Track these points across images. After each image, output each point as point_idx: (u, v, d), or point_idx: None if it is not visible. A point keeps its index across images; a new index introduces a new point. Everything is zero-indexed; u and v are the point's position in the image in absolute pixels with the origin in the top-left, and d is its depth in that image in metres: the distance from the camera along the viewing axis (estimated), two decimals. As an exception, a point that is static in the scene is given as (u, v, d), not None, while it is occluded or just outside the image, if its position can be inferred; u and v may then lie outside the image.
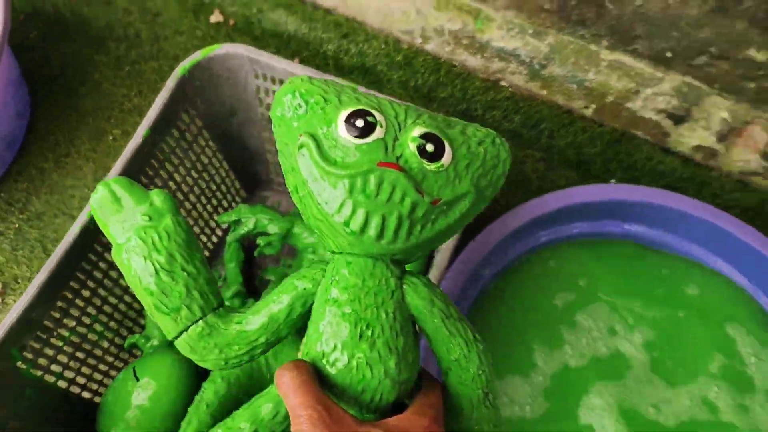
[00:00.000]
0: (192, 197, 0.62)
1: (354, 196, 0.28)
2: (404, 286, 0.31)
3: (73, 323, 0.51)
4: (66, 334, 0.51)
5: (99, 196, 0.33)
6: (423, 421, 0.29)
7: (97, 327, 0.55)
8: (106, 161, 0.72)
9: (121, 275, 0.55)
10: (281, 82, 0.56)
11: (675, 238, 0.61)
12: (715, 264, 0.60)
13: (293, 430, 0.28)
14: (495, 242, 0.54)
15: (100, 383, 0.56)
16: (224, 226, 0.69)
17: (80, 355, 0.53)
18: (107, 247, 0.52)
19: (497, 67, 0.73)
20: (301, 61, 0.78)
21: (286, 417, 0.31)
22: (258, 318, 0.32)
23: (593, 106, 0.71)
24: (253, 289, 0.67)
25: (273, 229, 0.63)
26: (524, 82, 0.73)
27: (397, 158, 0.29)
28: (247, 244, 0.67)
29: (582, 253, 0.60)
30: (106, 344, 0.56)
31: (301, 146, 0.30)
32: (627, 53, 0.66)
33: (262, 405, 0.32)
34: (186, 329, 0.31)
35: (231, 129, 0.63)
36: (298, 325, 0.32)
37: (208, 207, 0.66)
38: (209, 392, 0.51)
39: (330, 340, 0.29)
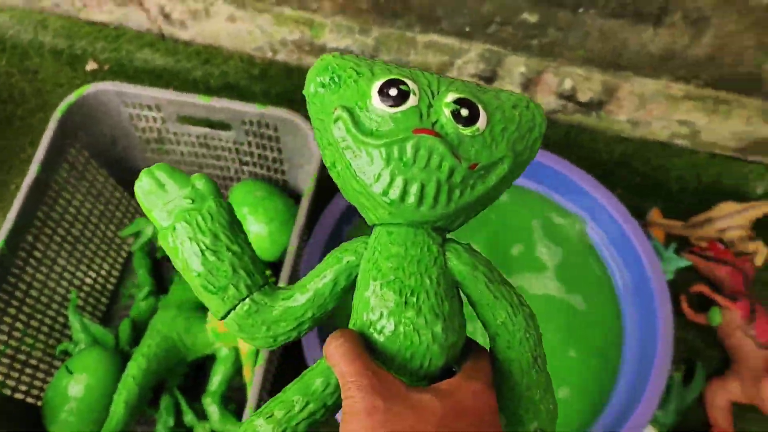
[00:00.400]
0: (93, 219, 0.72)
1: (391, 164, 0.28)
2: (447, 253, 0.31)
3: (5, 337, 0.61)
4: (1, 348, 0.60)
5: (143, 183, 0.33)
6: (474, 385, 0.29)
7: (28, 340, 0.64)
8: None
9: (42, 291, 0.65)
10: (149, 107, 0.67)
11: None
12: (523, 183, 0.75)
13: (343, 397, 0.28)
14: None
15: (41, 389, 0.65)
16: (130, 240, 0.79)
17: (17, 365, 0.62)
18: (24, 267, 0.62)
19: (338, 64, 0.86)
20: (175, 90, 0.89)
21: (337, 388, 0.30)
22: (304, 294, 0.32)
23: (421, 81, 0.85)
24: (165, 289, 0.77)
25: (169, 232, 0.73)
26: (363, 72, 0.86)
27: (433, 124, 0.29)
28: (154, 251, 0.77)
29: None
30: (39, 354, 0.65)
31: (336, 119, 0.30)
32: (436, 33, 0.80)
33: (313, 378, 0.31)
34: (233, 308, 0.31)
35: (116, 154, 0.73)
36: (343, 297, 0.33)
37: (111, 227, 0.76)
38: (133, 368, 0.61)
39: (376, 309, 0.29)
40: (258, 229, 0.70)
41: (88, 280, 0.72)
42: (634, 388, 0.63)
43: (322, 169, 0.64)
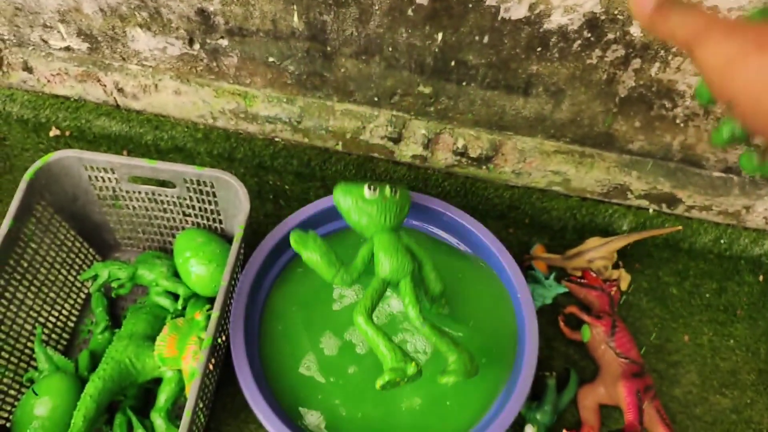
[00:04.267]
0: (56, 265, 0.84)
1: (378, 208, 0.72)
2: (401, 233, 0.73)
3: (-20, 366, 0.72)
4: (-24, 375, 0.72)
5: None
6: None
7: (-1, 369, 0.75)
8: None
9: (11, 327, 0.77)
10: (104, 170, 0.80)
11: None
12: (422, 228, 0.90)
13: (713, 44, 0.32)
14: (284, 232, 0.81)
15: (10, 411, 0.76)
16: (89, 283, 0.91)
17: (-11, 390, 0.74)
18: (-4, 307, 0.73)
19: (270, 129, 1.01)
20: (129, 152, 1.03)
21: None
22: (359, 262, 0.70)
23: (341, 142, 1.01)
24: (119, 324, 0.88)
25: (122, 274, 0.86)
26: (291, 135, 1.02)
27: (386, 196, 0.72)
28: (109, 292, 0.90)
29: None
30: (9, 380, 0.77)
31: (356, 201, 0.73)
32: (350, 102, 0.97)
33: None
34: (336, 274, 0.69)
35: (77, 210, 0.86)
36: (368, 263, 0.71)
37: (72, 271, 0.88)
38: (91, 388, 0.73)
39: (384, 262, 0.70)
40: (199, 270, 0.83)
41: (52, 318, 0.84)
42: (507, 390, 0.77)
43: (250, 217, 0.78)
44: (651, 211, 1.01)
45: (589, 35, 0.78)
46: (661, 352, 0.92)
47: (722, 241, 1.00)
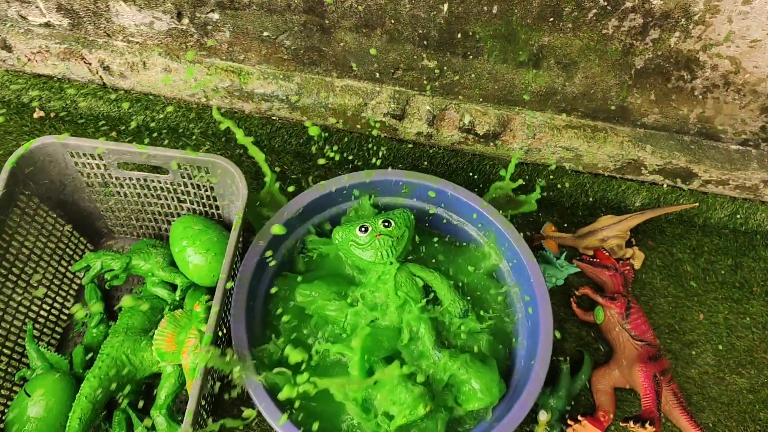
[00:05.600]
0: (45, 257, 0.80)
1: (372, 250, 0.74)
2: (407, 264, 0.75)
3: (-31, 367, 0.68)
4: (-35, 376, 0.68)
5: None
6: None
7: (-10, 368, 0.71)
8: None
9: (0, 325, 0.73)
10: (91, 156, 0.76)
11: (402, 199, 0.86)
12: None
13: None
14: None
15: (2, 413, 0.73)
16: (81, 274, 0.87)
17: (-20, 391, 0.70)
18: (-18, 305, 0.69)
19: (266, 107, 0.96)
20: (119, 135, 0.98)
21: None
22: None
23: (341, 120, 0.96)
24: (114, 316, 0.85)
25: (116, 265, 0.82)
26: (288, 113, 0.97)
27: (379, 232, 0.73)
28: (104, 283, 0.86)
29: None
30: (0, 381, 0.73)
31: (350, 247, 0.75)
32: (350, 78, 0.91)
33: None
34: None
35: (66, 198, 0.81)
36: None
37: (63, 262, 0.83)
38: (86, 388, 0.70)
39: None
40: (197, 259, 0.79)
41: (43, 312, 0.80)
42: (521, 378, 0.74)
43: (249, 205, 0.74)
44: (665, 186, 0.97)
45: (606, 3, 0.73)
46: (676, 332, 0.90)
47: (738, 216, 0.97)
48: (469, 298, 0.78)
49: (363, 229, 0.74)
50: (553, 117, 0.91)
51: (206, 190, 0.80)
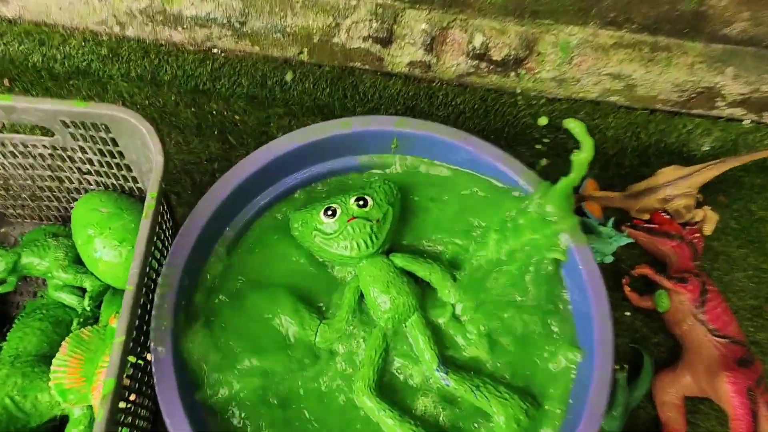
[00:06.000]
0: None
1: (346, 240, 0.55)
2: (391, 258, 0.57)
3: None
4: None
5: None
6: None
7: None
8: None
9: None
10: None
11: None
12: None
13: None
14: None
15: None
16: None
17: None
18: None
19: (202, 35, 0.72)
20: (13, 82, 0.73)
21: None
22: (345, 310, 0.56)
23: (306, 49, 0.72)
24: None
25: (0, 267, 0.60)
26: (234, 43, 0.72)
27: (352, 216, 0.55)
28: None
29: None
30: None
31: (314, 237, 0.56)
32: (315, -11, 0.66)
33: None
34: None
35: None
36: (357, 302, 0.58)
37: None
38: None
39: (378, 297, 0.55)
40: (108, 255, 0.57)
41: None
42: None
43: (166, 177, 0.50)
44: (747, 122, 0.75)
45: None
46: (761, 317, 0.71)
47: (840, 160, 0.75)
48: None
49: (329, 212, 0.56)
50: (596, 33, 0.68)
51: (113, 157, 0.57)
